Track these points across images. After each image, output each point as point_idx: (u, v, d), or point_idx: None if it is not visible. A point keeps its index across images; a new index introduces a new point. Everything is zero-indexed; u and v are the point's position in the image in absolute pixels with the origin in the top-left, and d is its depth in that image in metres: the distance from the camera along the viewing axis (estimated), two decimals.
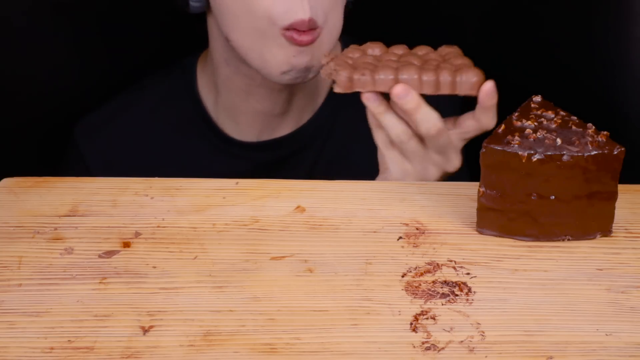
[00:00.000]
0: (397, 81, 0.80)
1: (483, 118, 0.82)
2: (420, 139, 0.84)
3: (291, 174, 1.05)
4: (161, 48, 1.19)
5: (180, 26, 1.18)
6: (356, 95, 0.85)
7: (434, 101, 0.82)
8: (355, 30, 1.01)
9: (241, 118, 1.04)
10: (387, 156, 0.85)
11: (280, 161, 1.06)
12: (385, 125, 0.83)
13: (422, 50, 0.86)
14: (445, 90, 0.81)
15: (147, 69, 1.13)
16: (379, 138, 0.85)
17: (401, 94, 0.80)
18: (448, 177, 0.87)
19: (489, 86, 0.81)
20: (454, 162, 0.85)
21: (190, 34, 1.10)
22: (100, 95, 1.11)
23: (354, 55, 0.85)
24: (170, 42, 1.20)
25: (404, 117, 0.82)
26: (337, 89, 0.82)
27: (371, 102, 0.82)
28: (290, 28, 0.89)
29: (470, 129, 0.84)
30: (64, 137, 1.10)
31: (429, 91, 0.81)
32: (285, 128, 1.06)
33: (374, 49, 0.86)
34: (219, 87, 1.04)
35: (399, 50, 0.86)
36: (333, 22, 0.91)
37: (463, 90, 0.81)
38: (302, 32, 0.89)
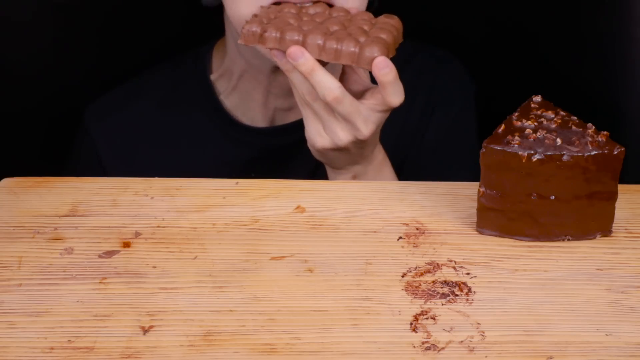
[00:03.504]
0: (299, 43, 0.81)
1: (384, 93, 0.81)
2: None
3: (302, 160, 1.05)
4: (176, 38, 1.19)
5: (195, 16, 1.18)
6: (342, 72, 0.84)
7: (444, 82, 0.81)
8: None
9: (254, 106, 1.05)
10: (303, 113, 0.86)
11: (291, 147, 1.06)
12: (293, 83, 0.83)
13: (361, 16, 0.86)
14: (345, 61, 0.81)
15: (159, 59, 1.13)
16: (295, 95, 0.85)
17: (292, 55, 0.80)
18: (365, 146, 0.86)
19: (378, 60, 0.79)
20: (362, 131, 0.83)
21: (205, 24, 1.10)
22: (112, 84, 1.11)
23: (290, 11, 0.85)
24: (186, 32, 1.20)
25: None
26: (240, 41, 0.83)
27: (278, 59, 0.82)
28: (282, 2, 0.88)
29: (377, 102, 0.83)
30: (73, 124, 1.10)
31: (328, 58, 0.81)
32: (296, 114, 1.05)
33: (316, 8, 0.86)
34: (233, 77, 1.04)
35: (338, 12, 0.86)
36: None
37: (362, 63, 0.80)
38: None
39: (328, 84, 0.81)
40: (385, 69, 0.79)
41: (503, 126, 0.71)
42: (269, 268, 0.69)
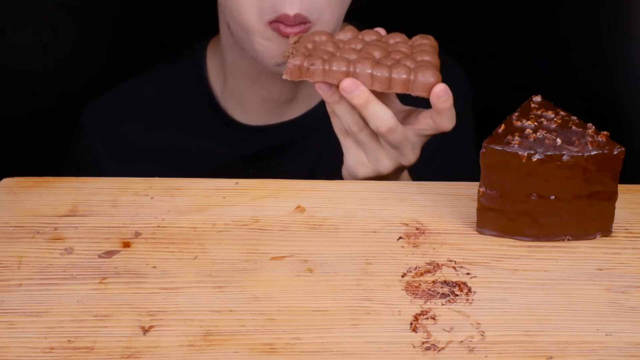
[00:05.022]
0: (348, 74, 0.79)
1: (438, 120, 0.81)
2: (373, 131, 0.83)
3: (299, 158, 1.05)
4: (177, 39, 1.19)
5: (192, 12, 1.18)
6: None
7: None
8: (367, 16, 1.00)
9: (248, 103, 1.05)
10: (343, 143, 0.85)
11: (288, 145, 1.06)
12: (338, 115, 0.82)
13: (394, 38, 0.84)
14: (397, 89, 0.79)
15: (157, 56, 1.13)
16: (335, 125, 0.84)
17: (348, 89, 0.79)
18: (405, 169, 0.86)
19: (440, 89, 0.78)
20: (409, 157, 0.83)
21: (202, 19, 1.10)
22: (110, 84, 1.11)
23: (321, 39, 0.83)
24: (185, 33, 1.20)
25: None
26: (285, 76, 0.80)
27: (323, 92, 0.81)
28: (277, 21, 0.88)
29: (427, 127, 0.82)
30: (72, 125, 1.10)
31: (380, 88, 0.79)
32: (293, 112, 1.06)
33: (346, 34, 0.84)
34: (226, 73, 1.04)
35: (370, 36, 0.84)
36: (327, 19, 0.91)
37: (416, 90, 0.79)
38: (288, 25, 0.88)
39: (382, 115, 0.80)
40: (444, 96, 0.78)
41: (503, 126, 0.71)
42: (269, 268, 0.69)
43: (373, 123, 0.80)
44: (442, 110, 0.80)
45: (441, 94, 0.78)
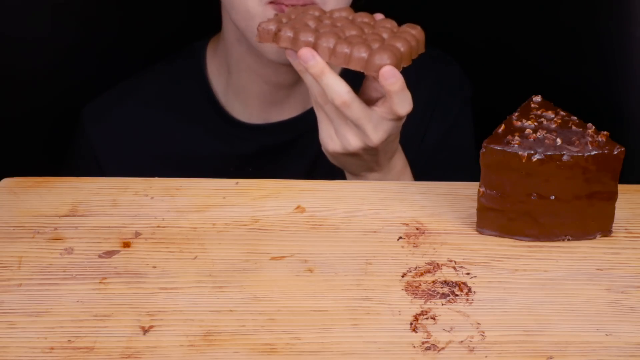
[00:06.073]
0: (310, 44, 0.80)
1: (390, 102, 0.81)
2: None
3: (299, 157, 1.06)
4: (177, 38, 1.19)
5: (192, 11, 1.18)
6: (364, 78, 0.85)
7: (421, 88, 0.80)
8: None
9: (250, 100, 1.05)
10: (317, 116, 0.86)
11: (288, 144, 1.06)
12: (307, 85, 0.83)
13: (384, 23, 0.85)
14: (355, 66, 0.80)
15: (157, 55, 1.13)
16: (311, 96, 0.85)
17: (303, 57, 0.80)
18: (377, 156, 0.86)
19: (386, 69, 0.78)
20: (372, 138, 0.83)
21: (202, 19, 1.10)
22: (110, 83, 1.11)
23: (314, 14, 0.85)
24: (186, 32, 1.20)
25: None
26: (255, 38, 0.83)
27: (291, 59, 0.83)
28: (278, 2, 0.89)
29: (386, 111, 0.82)
30: (71, 124, 1.10)
31: (338, 62, 0.80)
32: (293, 110, 1.06)
33: (341, 12, 0.86)
34: (231, 68, 1.04)
35: (363, 18, 0.85)
36: (333, 3, 0.90)
37: (369, 70, 0.79)
38: (291, 5, 0.88)
39: (337, 87, 0.80)
40: (391, 79, 0.78)
41: (503, 126, 0.71)
42: (269, 268, 0.69)
43: (329, 95, 0.81)
44: (391, 93, 0.80)
45: (387, 75, 0.78)
